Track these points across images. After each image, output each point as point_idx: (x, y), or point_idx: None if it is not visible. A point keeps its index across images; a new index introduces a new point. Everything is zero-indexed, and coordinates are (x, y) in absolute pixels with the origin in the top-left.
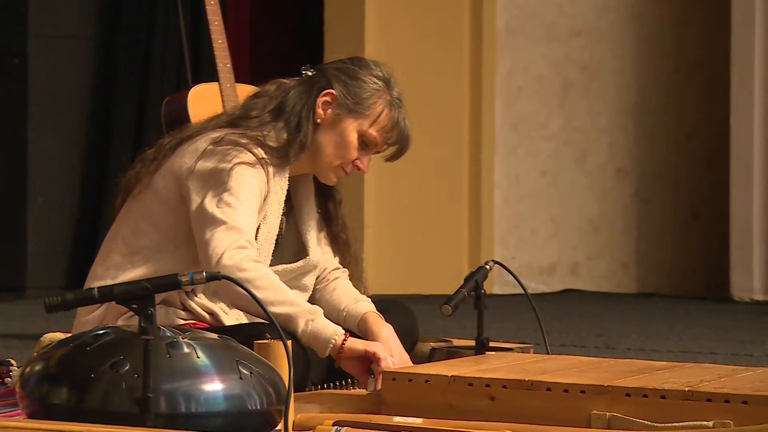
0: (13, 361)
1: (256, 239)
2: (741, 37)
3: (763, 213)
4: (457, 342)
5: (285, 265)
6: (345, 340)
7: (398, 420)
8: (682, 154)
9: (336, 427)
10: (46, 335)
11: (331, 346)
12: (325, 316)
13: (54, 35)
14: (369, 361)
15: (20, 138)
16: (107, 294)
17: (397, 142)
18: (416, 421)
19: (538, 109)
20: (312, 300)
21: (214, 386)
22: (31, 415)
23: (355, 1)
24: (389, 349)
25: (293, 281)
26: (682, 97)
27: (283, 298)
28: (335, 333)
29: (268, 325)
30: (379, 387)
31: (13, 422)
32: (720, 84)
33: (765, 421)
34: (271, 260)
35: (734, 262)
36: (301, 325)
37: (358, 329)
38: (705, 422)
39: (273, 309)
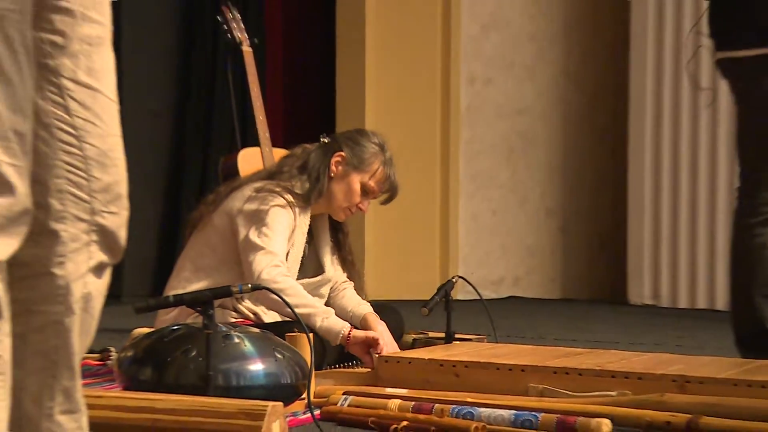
0: (112, 349)
1: (286, 260)
2: (636, 109)
3: (652, 241)
4: (432, 334)
5: (308, 279)
6: (350, 331)
7: (389, 391)
8: (594, 199)
9: (344, 395)
10: (136, 330)
11: (341, 336)
12: (336, 316)
13: (140, 110)
14: (369, 345)
15: None
16: (180, 300)
17: (389, 191)
18: (402, 392)
19: (491, 167)
20: (327, 305)
21: (257, 366)
22: (125, 388)
23: (359, 88)
24: (383, 340)
25: (313, 291)
26: (595, 156)
27: (306, 301)
28: (344, 327)
29: (296, 323)
30: None
31: (112, 393)
32: (622, 145)
33: (654, 392)
34: (297, 276)
35: (630, 276)
36: (318, 322)
37: (360, 325)
38: (610, 392)
39: (298, 310)
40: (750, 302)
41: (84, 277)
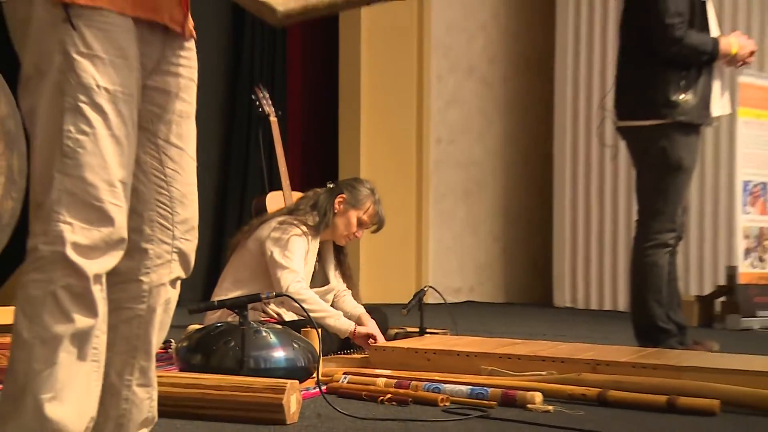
0: (172, 340)
1: None
2: (559, 162)
3: (570, 260)
4: (409, 329)
5: (317, 289)
6: (356, 328)
7: (378, 371)
8: (528, 229)
9: (344, 375)
10: (189, 326)
11: (349, 332)
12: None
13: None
14: (369, 337)
15: None
16: (222, 304)
17: (378, 223)
18: (387, 372)
19: (452, 205)
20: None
21: (279, 353)
22: (181, 370)
23: (355, 147)
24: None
25: (322, 297)
26: (529, 197)
27: (322, 307)
28: (350, 325)
29: (309, 321)
30: None
31: (171, 373)
32: (548, 188)
33: (573, 372)
34: (309, 285)
35: (555, 285)
36: (332, 322)
37: (356, 323)
38: (541, 372)
39: (316, 314)
40: (645, 305)
41: (165, 285)
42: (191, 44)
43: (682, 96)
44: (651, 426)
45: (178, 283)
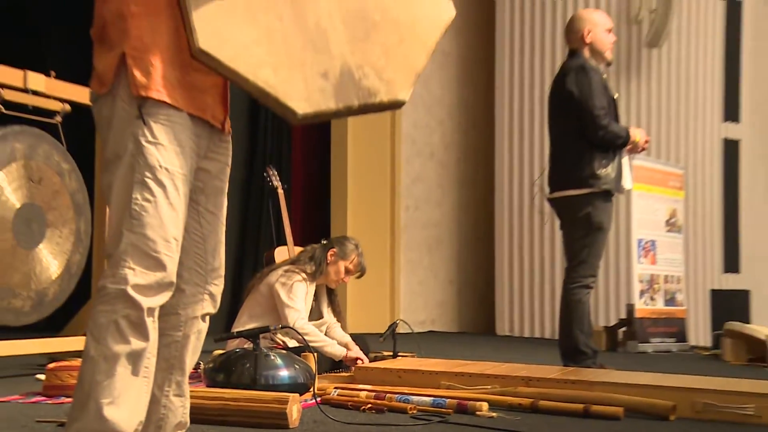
0: (201, 362)
1: None
2: (499, 226)
3: (508, 299)
4: (385, 353)
5: (314, 322)
6: (347, 353)
7: (361, 386)
8: (476, 275)
9: (335, 389)
10: (215, 351)
11: (342, 356)
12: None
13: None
14: (356, 360)
15: None
16: (240, 334)
17: (361, 271)
18: (368, 387)
19: (418, 257)
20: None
21: (284, 372)
22: (207, 386)
23: (343, 211)
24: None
25: (317, 329)
26: (477, 252)
27: (320, 338)
28: (343, 351)
29: (308, 348)
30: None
31: (199, 389)
32: (492, 246)
33: (512, 386)
34: (308, 319)
35: (497, 317)
36: (328, 350)
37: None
38: (487, 386)
39: (315, 344)
40: (570, 333)
41: (197, 318)
42: (228, 137)
43: (603, 170)
44: (571, 428)
45: (208, 317)
